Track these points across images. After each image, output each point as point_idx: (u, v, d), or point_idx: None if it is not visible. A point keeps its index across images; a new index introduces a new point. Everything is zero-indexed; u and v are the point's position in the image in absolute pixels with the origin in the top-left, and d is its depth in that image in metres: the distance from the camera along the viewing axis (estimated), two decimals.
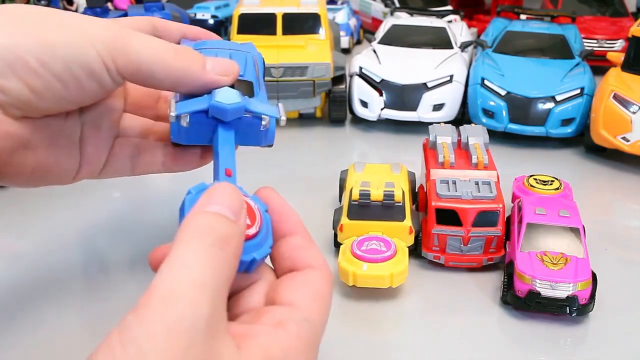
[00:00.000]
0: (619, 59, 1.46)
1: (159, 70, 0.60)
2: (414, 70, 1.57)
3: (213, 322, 0.42)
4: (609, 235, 1.07)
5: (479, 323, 0.83)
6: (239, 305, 0.55)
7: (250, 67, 0.68)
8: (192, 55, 0.63)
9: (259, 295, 0.55)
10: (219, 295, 0.44)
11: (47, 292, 0.87)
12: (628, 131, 1.31)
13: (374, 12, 2.64)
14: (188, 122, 0.62)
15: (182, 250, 0.44)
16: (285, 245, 0.58)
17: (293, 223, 0.59)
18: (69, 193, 1.15)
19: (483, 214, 0.90)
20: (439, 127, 1.10)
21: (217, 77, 0.62)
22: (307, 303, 0.52)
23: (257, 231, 0.54)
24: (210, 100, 0.61)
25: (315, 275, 0.55)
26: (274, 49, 1.53)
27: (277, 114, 0.65)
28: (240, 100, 0.62)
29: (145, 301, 0.41)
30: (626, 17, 2.33)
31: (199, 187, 0.55)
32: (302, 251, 0.57)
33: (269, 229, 0.57)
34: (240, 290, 0.56)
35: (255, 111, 0.63)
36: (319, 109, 1.60)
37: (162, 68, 0.60)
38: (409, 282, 0.89)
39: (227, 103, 0.61)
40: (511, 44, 1.67)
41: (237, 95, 0.62)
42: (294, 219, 0.59)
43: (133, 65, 0.59)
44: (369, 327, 0.83)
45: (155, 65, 0.60)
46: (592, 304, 0.82)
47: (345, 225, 0.94)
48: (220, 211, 0.48)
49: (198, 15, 2.13)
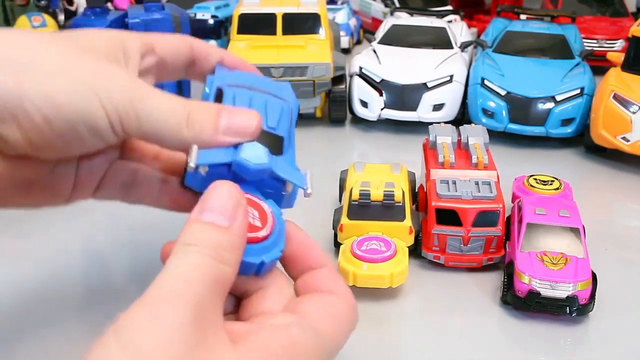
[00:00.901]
0: (619, 59, 1.46)
1: (167, 137, 0.56)
2: (414, 70, 1.57)
3: (201, 320, 0.44)
4: (609, 235, 1.07)
5: (479, 323, 0.83)
6: (249, 310, 0.55)
7: (285, 118, 0.62)
8: (206, 118, 0.57)
9: (270, 301, 0.55)
10: (207, 295, 0.45)
11: (49, 297, 0.87)
12: (628, 131, 1.31)
13: (374, 12, 2.64)
14: (207, 171, 0.57)
15: (173, 259, 0.47)
16: (312, 276, 0.58)
17: (319, 256, 0.59)
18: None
19: (483, 214, 0.90)
20: (439, 127, 1.10)
21: (228, 139, 0.57)
22: (318, 316, 0.52)
23: (268, 234, 0.54)
24: (235, 155, 0.56)
25: (338, 299, 0.55)
26: (274, 49, 1.54)
27: (303, 184, 0.59)
28: (266, 161, 0.56)
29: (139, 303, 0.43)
30: (626, 17, 2.33)
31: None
32: (328, 281, 0.57)
33: (282, 233, 0.56)
34: (251, 293, 0.56)
35: (281, 176, 0.58)
36: (319, 109, 1.60)
37: (171, 136, 0.56)
38: (409, 282, 0.89)
39: (252, 162, 0.55)
40: (511, 44, 1.67)
41: (264, 154, 0.56)
42: (318, 251, 0.59)
43: (141, 131, 0.56)
44: (369, 327, 0.83)
45: (164, 133, 0.56)
46: (592, 304, 0.82)
47: (345, 225, 0.93)
48: (212, 219, 0.49)
49: (198, 15, 2.12)
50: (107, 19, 1.52)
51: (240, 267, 0.51)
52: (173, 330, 0.41)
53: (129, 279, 0.93)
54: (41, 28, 1.69)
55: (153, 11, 1.56)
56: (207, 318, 0.44)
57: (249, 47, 1.56)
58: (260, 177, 0.57)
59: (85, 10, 1.56)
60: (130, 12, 1.56)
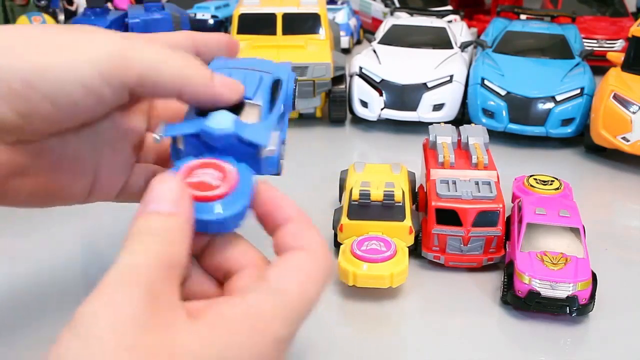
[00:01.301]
0: (619, 59, 1.46)
1: (164, 74, 0.57)
2: (414, 70, 1.57)
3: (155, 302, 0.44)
4: (609, 235, 1.07)
5: (479, 323, 0.84)
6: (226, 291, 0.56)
7: (265, 88, 0.63)
8: (200, 66, 0.59)
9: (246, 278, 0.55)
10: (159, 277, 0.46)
11: (48, 296, 0.87)
12: (628, 131, 1.31)
13: (374, 12, 2.64)
14: (184, 145, 0.59)
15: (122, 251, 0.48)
16: (281, 234, 0.56)
17: (286, 210, 0.56)
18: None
19: (483, 214, 0.90)
20: (439, 127, 1.10)
21: (222, 89, 0.58)
22: (280, 276, 0.51)
23: (227, 192, 0.53)
24: (200, 125, 0.57)
25: (304, 254, 0.53)
26: (274, 49, 1.53)
27: (264, 142, 0.58)
28: (230, 126, 0.57)
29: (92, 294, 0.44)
30: (626, 17, 2.32)
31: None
32: (296, 238, 0.55)
33: (248, 191, 0.55)
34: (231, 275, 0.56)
35: (244, 138, 0.58)
36: (319, 109, 1.60)
37: (168, 71, 0.57)
38: (409, 282, 0.89)
39: (216, 128, 0.56)
40: (511, 44, 1.67)
41: (230, 120, 0.57)
42: (286, 205, 0.57)
43: (135, 73, 0.56)
44: (369, 327, 0.83)
45: (160, 70, 0.57)
46: (592, 304, 0.82)
47: (345, 225, 0.94)
48: (156, 208, 0.50)
49: (198, 15, 2.12)
50: (107, 18, 1.52)
51: (197, 225, 0.52)
52: (127, 314, 0.42)
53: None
54: None
55: (153, 11, 1.56)
56: (161, 299, 0.45)
57: (249, 47, 1.56)
58: (227, 142, 0.58)
59: (85, 10, 1.56)
60: (130, 12, 1.56)
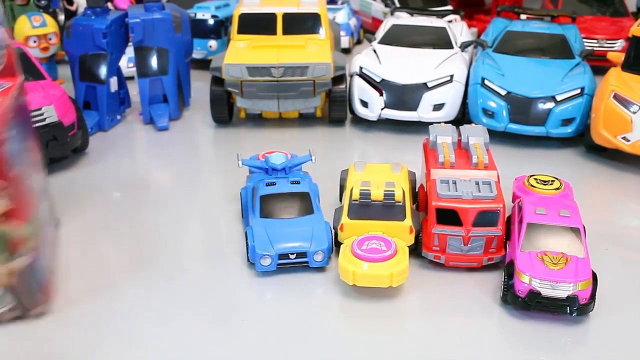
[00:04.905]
0: (619, 59, 1.46)
1: None
2: (414, 70, 1.57)
3: None
4: (609, 235, 1.07)
5: (479, 323, 0.84)
6: None
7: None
8: None
9: None
10: None
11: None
12: (628, 131, 1.31)
13: (374, 12, 2.64)
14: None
15: None
16: None
17: None
18: (70, 192, 1.16)
19: (483, 213, 0.90)
20: (439, 127, 1.10)
21: None
22: None
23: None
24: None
25: None
26: (274, 48, 1.53)
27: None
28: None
29: None
30: (626, 17, 2.32)
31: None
32: None
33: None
34: None
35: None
36: (319, 109, 1.60)
37: None
38: (409, 282, 0.89)
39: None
40: (511, 43, 1.67)
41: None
42: None
43: None
44: (369, 327, 0.83)
45: None
46: (593, 304, 0.82)
47: (346, 224, 0.94)
48: None
49: (198, 15, 2.12)
50: (107, 19, 1.52)
51: None
52: None
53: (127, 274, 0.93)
54: (41, 28, 1.69)
55: (153, 11, 1.56)
56: None
57: (249, 47, 1.56)
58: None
59: (85, 10, 1.56)
60: (130, 12, 1.56)
